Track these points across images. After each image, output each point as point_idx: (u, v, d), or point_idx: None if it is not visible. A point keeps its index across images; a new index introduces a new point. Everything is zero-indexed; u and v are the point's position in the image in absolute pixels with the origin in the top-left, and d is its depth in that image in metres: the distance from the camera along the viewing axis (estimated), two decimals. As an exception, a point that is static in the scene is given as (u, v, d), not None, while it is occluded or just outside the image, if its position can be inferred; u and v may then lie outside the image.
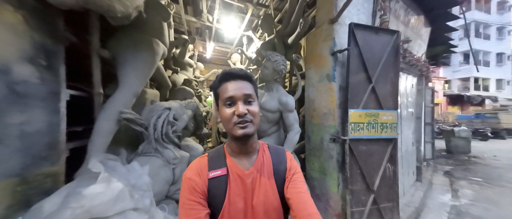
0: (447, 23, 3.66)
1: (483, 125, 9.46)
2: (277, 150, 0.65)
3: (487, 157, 5.77)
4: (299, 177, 0.59)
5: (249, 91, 0.55)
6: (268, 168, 0.59)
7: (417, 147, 3.49)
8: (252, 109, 0.54)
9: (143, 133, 1.45)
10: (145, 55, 1.47)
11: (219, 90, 0.57)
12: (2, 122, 0.82)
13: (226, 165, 0.58)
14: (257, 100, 0.59)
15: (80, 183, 0.99)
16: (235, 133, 0.53)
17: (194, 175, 0.56)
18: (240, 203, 0.55)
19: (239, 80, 0.56)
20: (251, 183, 0.57)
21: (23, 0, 0.91)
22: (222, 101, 0.56)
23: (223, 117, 0.55)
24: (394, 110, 1.75)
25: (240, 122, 0.52)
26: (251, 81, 0.58)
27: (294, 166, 0.61)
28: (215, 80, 0.59)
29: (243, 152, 0.59)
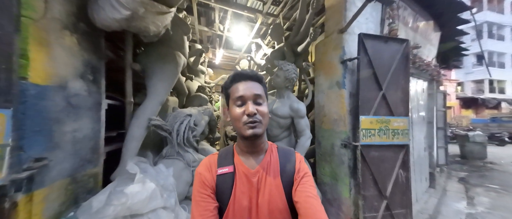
0: (458, 27, 3.64)
1: (500, 129, 9.03)
2: (285, 151, 0.64)
3: (504, 163, 5.52)
4: (308, 181, 0.56)
5: (259, 92, 0.56)
6: (274, 168, 0.59)
7: (429, 152, 3.43)
8: (261, 110, 0.55)
9: (167, 138, 1.58)
10: (170, 67, 1.61)
11: (230, 90, 0.58)
12: (61, 130, 0.97)
13: (233, 163, 0.60)
14: (267, 101, 0.60)
15: (120, 183, 1.11)
16: (244, 132, 0.54)
17: (204, 171, 0.60)
18: (245, 200, 0.56)
19: (249, 81, 0.57)
20: (257, 182, 0.57)
21: (77, 25, 1.07)
22: (232, 100, 0.57)
23: (233, 116, 0.56)
24: (405, 117, 1.79)
25: (249, 122, 0.53)
26: (261, 82, 0.60)
27: (303, 168, 0.59)
28: (227, 80, 0.60)
29: (251, 151, 0.60)
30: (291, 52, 2.32)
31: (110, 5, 1.05)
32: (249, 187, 0.57)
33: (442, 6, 2.97)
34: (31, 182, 0.80)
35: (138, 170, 1.16)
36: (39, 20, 0.85)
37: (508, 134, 8.76)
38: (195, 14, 2.99)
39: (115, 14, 1.06)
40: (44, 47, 0.87)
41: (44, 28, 0.88)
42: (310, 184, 0.56)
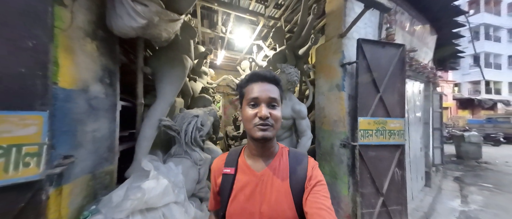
0: (453, 31, 3.75)
1: (495, 130, 9.21)
2: (297, 155, 0.60)
3: (498, 163, 5.67)
4: (321, 190, 0.52)
5: (274, 95, 0.55)
6: (283, 173, 0.56)
7: (425, 152, 3.55)
8: (274, 114, 0.54)
9: (176, 137, 1.67)
10: (178, 70, 1.70)
11: (245, 89, 0.57)
12: (83, 130, 1.05)
13: (236, 165, 0.60)
14: (281, 105, 0.58)
15: (136, 179, 1.20)
16: (254, 134, 0.53)
17: (214, 167, 0.65)
18: (246, 203, 0.55)
19: (266, 83, 0.55)
20: (261, 186, 0.55)
21: (96, 33, 1.14)
22: (246, 100, 0.56)
23: (245, 117, 0.55)
24: (401, 118, 1.89)
25: (260, 124, 0.52)
26: (278, 84, 0.58)
27: (316, 176, 0.55)
28: (243, 80, 0.60)
29: (260, 154, 0.59)
30: (293, 54, 2.41)
31: (128, 14, 1.13)
32: (252, 190, 0.55)
33: (438, 11, 3.08)
34: (60, 177, 0.88)
35: (152, 167, 1.25)
36: (66, 29, 0.93)
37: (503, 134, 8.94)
38: (198, 17, 3.07)
39: (132, 22, 1.14)
40: (70, 54, 0.95)
41: (70, 36, 0.95)
42: (323, 194, 0.51)
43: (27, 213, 0.73)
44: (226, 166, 0.61)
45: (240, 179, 0.58)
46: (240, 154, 0.63)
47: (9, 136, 0.69)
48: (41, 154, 0.75)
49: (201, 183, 1.86)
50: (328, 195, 0.52)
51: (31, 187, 0.73)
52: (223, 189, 0.59)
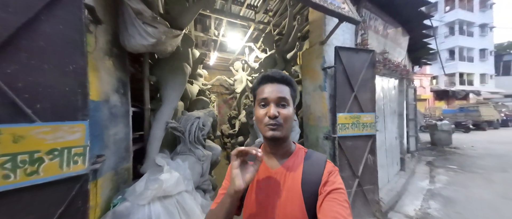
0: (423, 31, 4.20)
1: (466, 118, 10.22)
2: (314, 158, 0.59)
3: (465, 147, 6.43)
4: (338, 197, 0.49)
5: (284, 94, 0.55)
6: (295, 174, 0.56)
7: (400, 141, 4.02)
8: (284, 113, 0.54)
9: (181, 137, 1.89)
10: (180, 78, 1.90)
11: (257, 91, 0.59)
12: (107, 134, 1.25)
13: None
14: (293, 104, 0.58)
15: (152, 173, 1.42)
16: (264, 133, 0.55)
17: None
18: (261, 196, 0.57)
19: (276, 83, 0.57)
20: (274, 183, 0.57)
21: (112, 50, 1.33)
22: (257, 101, 0.58)
23: (256, 117, 0.58)
24: (372, 112, 2.24)
25: (270, 124, 0.54)
26: (289, 84, 0.58)
27: (333, 182, 0.52)
28: (255, 82, 0.62)
29: (274, 152, 0.60)
30: (282, 58, 2.68)
31: (139, 35, 1.33)
32: (267, 185, 0.58)
33: (408, 15, 3.48)
34: (95, 173, 1.09)
35: (165, 163, 1.48)
36: (92, 52, 1.12)
37: (472, 122, 9.95)
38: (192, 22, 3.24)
39: (144, 41, 1.34)
40: (95, 72, 1.15)
41: (95, 57, 1.15)
42: (339, 202, 0.48)
43: (77, 200, 0.94)
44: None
45: (259, 173, 0.60)
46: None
47: (62, 141, 0.90)
48: (85, 153, 0.96)
49: (204, 177, 2.10)
50: (345, 204, 0.48)
51: (80, 179, 0.94)
52: None
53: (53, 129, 0.87)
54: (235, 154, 0.51)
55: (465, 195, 3.08)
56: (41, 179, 0.84)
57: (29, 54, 0.84)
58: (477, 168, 4.40)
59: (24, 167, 0.81)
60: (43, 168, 0.85)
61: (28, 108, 0.83)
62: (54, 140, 0.87)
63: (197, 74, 3.53)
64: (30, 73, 0.84)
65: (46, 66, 0.88)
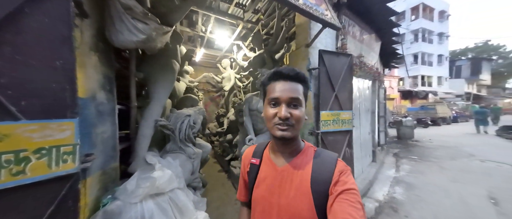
0: (393, 38, 4.74)
1: (426, 115, 11.77)
2: (324, 157, 0.56)
3: (424, 140, 7.44)
4: (350, 198, 0.46)
5: (296, 95, 0.53)
6: (303, 173, 0.54)
7: (372, 135, 4.51)
8: (295, 114, 0.52)
9: (170, 136, 1.88)
10: (169, 75, 1.88)
11: (268, 88, 0.56)
12: (95, 132, 1.20)
13: (261, 157, 0.63)
14: (304, 104, 0.55)
15: (142, 172, 1.41)
16: (274, 133, 0.54)
17: (244, 157, 0.70)
18: (267, 193, 0.57)
19: (288, 81, 0.54)
20: (281, 180, 0.56)
21: (97, 45, 1.27)
22: (267, 99, 0.55)
23: (266, 116, 0.55)
24: (350, 110, 2.51)
25: (280, 124, 0.52)
26: (302, 82, 0.55)
27: (344, 182, 0.50)
28: (265, 78, 0.59)
29: (281, 151, 0.59)
30: (270, 58, 2.80)
31: (128, 30, 1.29)
32: (273, 182, 0.57)
33: (380, 22, 3.89)
34: (84, 172, 1.06)
35: (156, 161, 1.47)
36: (79, 46, 1.06)
37: (430, 118, 11.50)
38: (178, 17, 3.14)
39: (133, 37, 1.31)
40: (81, 68, 1.10)
41: (80, 52, 1.09)
42: (351, 203, 0.45)
43: (67, 199, 0.92)
44: (253, 156, 0.66)
45: (263, 170, 0.61)
46: (266, 147, 0.66)
47: (50, 139, 0.86)
48: (75, 152, 0.93)
49: (194, 174, 2.12)
50: (358, 205, 0.46)
51: (70, 179, 0.92)
52: (249, 176, 0.64)
53: (40, 127, 0.84)
54: None
55: (423, 181, 3.63)
56: (28, 179, 0.81)
57: (13, 49, 0.79)
58: (432, 157, 5.17)
59: (9, 167, 0.77)
60: (30, 167, 0.81)
61: (13, 106, 0.79)
62: (41, 138, 0.84)
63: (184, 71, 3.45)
64: (15, 68, 0.80)
65: (33, 62, 0.84)
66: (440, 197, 2.91)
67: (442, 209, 2.54)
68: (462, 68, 22.79)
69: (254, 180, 0.62)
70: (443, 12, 20.51)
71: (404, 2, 19.29)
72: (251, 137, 2.16)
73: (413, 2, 19.32)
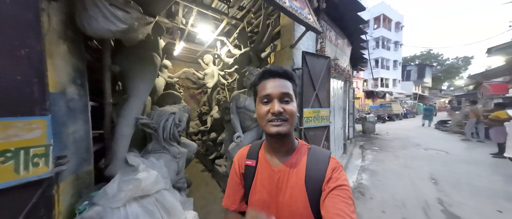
0: (361, 44, 5.34)
1: (384, 112, 13.69)
2: (318, 154, 0.58)
3: (383, 133, 8.67)
4: (342, 194, 0.48)
5: (287, 90, 0.54)
6: (298, 171, 0.55)
7: (343, 130, 5.05)
8: (288, 108, 0.53)
9: (152, 135, 1.76)
10: (150, 68, 1.74)
11: (258, 87, 0.57)
12: (66, 132, 1.05)
13: (257, 158, 0.62)
14: (295, 100, 0.56)
15: (124, 174, 1.30)
16: (268, 130, 0.53)
17: (236, 159, 0.67)
18: (265, 195, 0.57)
19: (278, 78, 0.55)
20: (278, 181, 0.56)
21: (66, 33, 1.10)
22: (259, 98, 0.56)
23: (258, 114, 0.55)
24: (327, 108, 2.77)
25: (273, 120, 0.52)
26: (291, 79, 0.57)
27: (336, 178, 0.51)
28: (255, 78, 0.59)
29: (277, 149, 0.59)
30: (256, 56, 2.84)
31: (104, 18, 1.16)
32: (270, 183, 0.57)
33: (351, 29, 4.35)
34: (57, 176, 0.93)
35: (140, 161, 1.37)
36: (46, 33, 0.91)
37: (387, 115, 13.41)
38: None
39: (111, 26, 1.18)
40: (49, 58, 0.94)
41: (49, 40, 0.94)
42: (343, 199, 0.47)
43: (39, 207, 0.80)
44: (248, 158, 0.64)
45: (260, 171, 0.60)
46: (261, 148, 0.65)
47: (16, 140, 0.74)
48: (48, 154, 0.82)
49: (179, 174, 2.04)
50: (349, 201, 0.47)
51: (42, 184, 0.80)
52: (245, 178, 0.62)
53: (3, 126, 0.71)
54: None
55: (383, 168, 4.26)
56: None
57: None
58: (389, 148, 6.08)
59: (-41, 175, 0.64)
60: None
61: (-39, 101, 0.65)
62: (5, 139, 0.72)
63: (163, 65, 3.21)
64: None
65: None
66: (396, 180, 3.49)
67: (397, 190, 3.06)
68: (411, 72, 27.10)
69: (251, 181, 0.61)
70: (398, 23, 23.89)
71: (369, 12, 21.74)
72: (239, 134, 2.19)
73: (375, 13, 21.93)
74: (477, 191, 2.99)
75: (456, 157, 4.88)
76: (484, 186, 3.15)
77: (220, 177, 3.19)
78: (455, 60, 30.33)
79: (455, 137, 7.52)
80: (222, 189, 3.03)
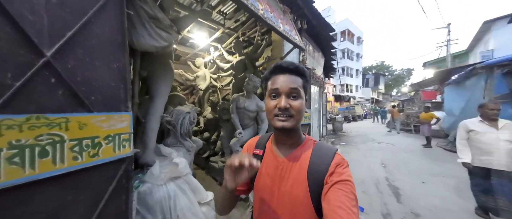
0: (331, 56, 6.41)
1: (349, 114, 15.91)
2: (323, 149, 0.59)
3: (348, 131, 10.23)
4: (344, 189, 0.48)
5: (295, 85, 0.55)
6: (301, 163, 0.57)
7: (319, 128, 5.95)
8: (295, 104, 0.54)
9: (171, 130, 2.04)
10: (169, 73, 2.03)
11: (269, 82, 0.59)
12: (123, 125, 1.32)
13: (264, 148, 0.66)
14: (304, 96, 0.57)
15: (162, 160, 1.60)
16: (274, 124, 0.56)
17: (246, 148, 0.73)
18: (269, 182, 0.60)
19: (288, 74, 0.56)
20: (281, 170, 0.59)
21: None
22: (268, 92, 0.58)
23: (267, 108, 0.58)
24: (309, 109, 3.45)
25: (279, 115, 0.54)
26: (302, 75, 0.57)
27: (339, 173, 0.52)
28: (267, 72, 0.61)
29: (283, 142, 0.62)
30: (251, 64, 3.31)
31: (149, 36, 1.47)
32: (274, 172, 0.60)
33: (324, 44, 5.27)
34: (125, 158, 1.21)
35: (172, 151, 1.68)
36: (119, 49, 1.20)
37: (351, 116, 15.61)
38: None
39: (155, 43, 1.50)
40: (118, 67, 1.23)
41: (119, 54, 1.23)
42: (345, 193, 0.47)
43: (123, 178, 1.10)
44: (256, 147, 0.69)
45: (265, 161, 0.64)
46: (269, 139, 0.69)
47: (114, 128, 1.04)
48: (130, 139, 1.12)
49: (190, 166, 2.34)
50: (351, 196, 0.47)
51: (125, 161, 1.10)
52: None
53: (107, 118, 1.01)
54: (228, 166, 0.50)
55: (349, 158, 5.24)
56: (100, 160, 0.98)
57: (84, 51, 0.94)
58: (353, 143, 7.34)
59: (88, 150, 0.93)
60: (101, 151, 0.98)
61: (86, 100, 0.94)
62: (108, 127, 1.02)
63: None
64: (85, 68, 0.95)
65: (97, 63, 1.00)
66: (358, 167, 4.43)
67: (359, 173, 3.96)
68: (369, 80, 31.78)
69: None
70: (359, 37, 27.87)
71: (336, 26, 24.77)
72: (240, 131, 2.61)
73: (342, 27, 25.13)
74: (411, 170, 4.13)
75: (399, 148, 6.33)
76: (415, 167, 4.34)
77: (216, 172, 3.51)
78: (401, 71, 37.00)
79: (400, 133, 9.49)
80: (218, 183, 3.37)
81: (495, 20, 9.98)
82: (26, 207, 0.76)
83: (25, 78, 0.76)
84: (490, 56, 9.36)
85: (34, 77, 0.78)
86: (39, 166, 0.78)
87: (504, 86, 3.73)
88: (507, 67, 3.70)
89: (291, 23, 2.89)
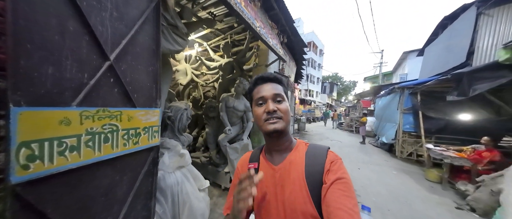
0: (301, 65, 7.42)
1: (310, 115, 18.23)
2: (316, 149, 0.60)
3: (309, 131, 11.88)
4: (342, 188, 0.48)
5: (279, 91, 0.60)
6: (298, 167, 0.57)
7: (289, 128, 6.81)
8: (281, 107, 0.59)
9: (169, 125, 2.18)
10: (169, 70, 2.15)
11: (253, 93, 0.64)
12: (140, 119, 1.47)
13: (258, 160, 0.67)
14: (287, 100, 0.62)
15: (169, 151, 1.77)
16: (265, 129, 0.58)
17: (239, 165, 0.74)
18: (269, 195, 0.59)
19: (269, 83, 0.62)
20: (279, 178, 0.59)
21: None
22: (255, 102, 0.62)
23: (255, 116, 0.61)
24: (284, 110, 4.07)
25: (268, 119, 0.57)
26: (281, 83, 0.63)
27: (335, 170, 0.52)
28: (250, 85, 0.66)
29: (276, 149, 0.63)
30: (238, 67, 3.63)
31: (166, 40, 1.65)
32: (273, 182, 0.60)
33: (297, 55, 6.12)
34: (148, 148, 1.38)
35: (177, 143, 1.88)
36: (147, 52, 1.36)
37: (312, 117, 17.95)
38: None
39: (170, 46, 1.68)
40: (144, 67, 1.39)
41: (145, 56, 1.38)
42: (343, 192, 0.47)
43: (151, 164, 1.30)
44: (250, 161, 0.69)
45: (262, 172, 0.60)
46: (262, 151, 0.69)
47: (149, 122, 1.24)
48: (158, 131, 1.32)
49: (181, 158, 2.50)
50: (350, 194, 0.47)
51: (154, 149, 1.31)
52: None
53: (145, 113, 1.22)
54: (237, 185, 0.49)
55: (310, 153, 6.31)
56: (139, 147, 1.18)
57: (131, 57, 1.13)
58: (313, 140, 8.67)
59: (133, 138, 1.12)
60: (140, 139, 1.18)
61: (132, 97, 1.13)
62: (146, 120, 1.22)
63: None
64: (132, 71, 1.13)
65: (139, 67, 1.19)
66: (317, 159, 5.46)
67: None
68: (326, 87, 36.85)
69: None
70: (321, 50, 31.87)
71: (304, 37, 27.50)
72: (229, 128, 2.93)
73: (308, 39, 28.11)
74: (351, 160, 5.43)
75: (345, 144, 7.99)
76: (354, 157, 5.71)
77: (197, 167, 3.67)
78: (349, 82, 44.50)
79: (346, 133, 11.75)
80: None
81: (410, 52, 13.82)
82: (94, 181, 0.93)
83: (96, 78, 0.92)
84: (405, 77, 12.91)
85: (101, 77, 0.95)
86: (103, 149, 0.96)
87: (409, 102, 5.49)
88: (412, 89, 5.45)
89: (276, 37, 3.41)
